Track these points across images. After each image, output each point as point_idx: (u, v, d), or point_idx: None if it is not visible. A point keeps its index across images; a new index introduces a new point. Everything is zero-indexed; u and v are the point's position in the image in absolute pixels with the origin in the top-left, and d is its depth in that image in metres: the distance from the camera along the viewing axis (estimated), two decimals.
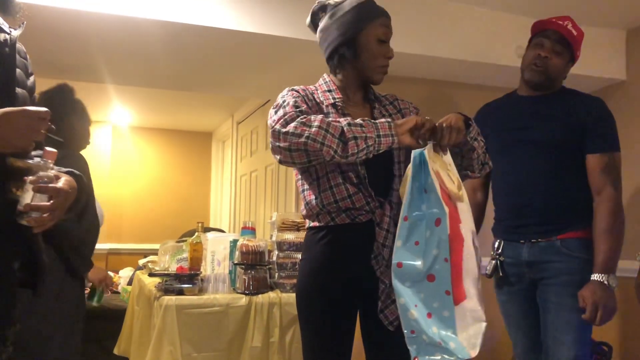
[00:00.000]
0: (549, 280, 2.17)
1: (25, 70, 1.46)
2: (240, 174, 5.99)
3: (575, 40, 2.24)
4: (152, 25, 2.85)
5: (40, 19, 2.79)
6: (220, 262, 2.99)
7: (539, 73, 2.23)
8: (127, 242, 6.51)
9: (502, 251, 2.28)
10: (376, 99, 1.88)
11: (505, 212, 2.33)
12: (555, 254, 2.17)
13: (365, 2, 1.75)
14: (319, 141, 1.53)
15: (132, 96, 5.41)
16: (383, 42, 1.74)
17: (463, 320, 1.48)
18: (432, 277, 1.49)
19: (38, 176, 1.25)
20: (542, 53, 2.22)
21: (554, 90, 2.30)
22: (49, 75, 4.00)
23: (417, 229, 1.52)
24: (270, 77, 3.87)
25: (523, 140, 2.25)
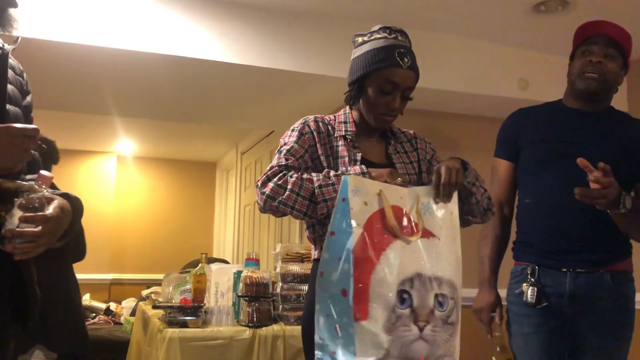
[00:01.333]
0: (594, 319, 1.95)
1: (20, 88, 1.37)
2: (244, 204, 5.99)
3: (626, 42, 2.02)
4: (157, 59, 2.90)
5: (49, 54, 2.84)
6: (224, 293, 2.97)
7: (594, 81, 1.97)
8: (130, 272, 6.49)
9: (539, 278, 1.99)
10: (393, 135, 1.88)
11: (540, 234, 2.03)
12: (603, 289, 1.94)
13: (383, 48, 1.70)
14: (289, 205, 1.62)
15: (137, 127, 5.46)
16: (386, 93, 1.71)
17: (362, 341, 1.47)
18: (345, 292, 1.50)
19: (28, 199, 1.16)
20: (594, 59, 1.97)
21: (606, 108, 2.07)
22: (56, 108, 4.06)
23: (340, 245, 1.54)
24: (273, 109, 3.92)
25: (570, 154, 1.91)
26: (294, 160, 1.72)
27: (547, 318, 1.99)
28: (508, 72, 3.43)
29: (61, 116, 4.82)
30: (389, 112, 1.74)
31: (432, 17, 3.12)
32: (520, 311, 2.04)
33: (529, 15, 3.02)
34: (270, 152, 5.12)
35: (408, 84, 1.71)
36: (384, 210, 1.59)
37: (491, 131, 2.60)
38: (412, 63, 1.70)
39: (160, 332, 2.63)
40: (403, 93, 1.72)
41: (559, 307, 1.97)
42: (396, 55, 1.68)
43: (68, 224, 1.26)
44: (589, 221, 1.95)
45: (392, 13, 3.03)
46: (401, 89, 1.70)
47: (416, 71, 1.73)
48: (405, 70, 1.68)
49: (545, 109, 2.17)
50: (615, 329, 1.95)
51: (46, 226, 1.15)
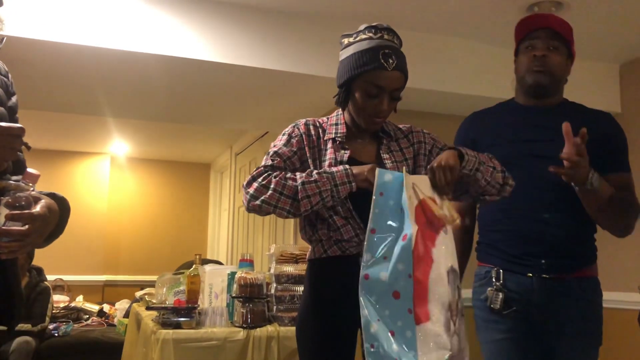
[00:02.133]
0: (562, 328, 1.88)
1: (6, 89, 1.36)
2: (239, 205, 5.99)
3: (568, 32, 1.98)
4: (151, 60, 2.89)
5: (41, 54, 2.83)
6: (218, 294, 2.97)
7: (542, 74, 1.94)
8: (123, 273, 6.48)
9: (504, 282, 1.91)
10: (386, 134, 1.85)
11: (505, 237, 1.96)
12: (570, 296, 1.88)
13: (367, 50, 1.67)
14: (272, 204, 1.63)
15: (130, 128, 5.45)
16: (372, 96, 1.68)
17: (425, 343, 1.41)
18: (397, 294, 1.45)
19: (14, 197, 1.14)
20: (538, 53, 1.94)
21: (559, 101, 2.03)
22: (49, 109, 4.04)
23: (386, 243, 1.50)
24: (268, 110, 3.91)
25: (531, 154, 1.91)
26: (279, 161, 1.73)
27: (515, 323, 1.91)
28: (502, 72, 3.41)
29: (54, 117, 4.81)
30: (377, 114, 1.72)
31: (425, 18, 3.12)
32: (488, 317, 1.96)
33: (522, 16, 3.02)
34: (265, 153, 5.11)
35: (395, 85, 1.69)
36: (424, 201, 1.55)
37: None
38: (398, 63, 1.67)
39: (154, 333, 2.62)
40: (391, 94, 1.70)
41: (527, 314, 1.90)
42: (380, 57, 1.65)
43: (55, 224, 1.24)
44: (556, 224, 1.88)
45: (385, 14, 3.03)
46: (388, 90, 1.68)
47: (403, 71, 1.70)
48: (391, 72, 1.66)
49: (499, 110, 2.12)
50: (586, 338, 1.89)
51: (33, 225, 1.13)
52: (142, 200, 6.77)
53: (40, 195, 1.22)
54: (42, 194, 1.24)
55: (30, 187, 1.21)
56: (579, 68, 2.36)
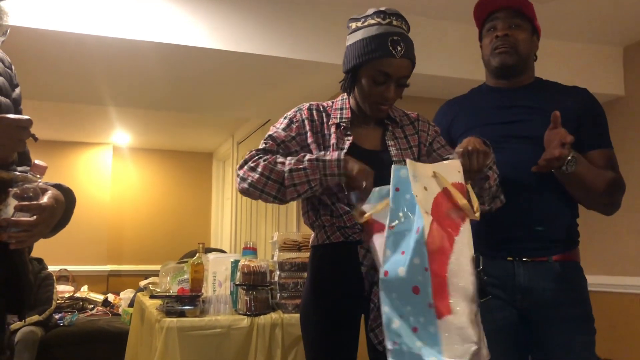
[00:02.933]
0: (551, 315, 1.80)
1: (10, 80, 1.38)
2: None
3: (528, 9, 1.93)
4: (152, 48, 2.88)
5: (42, 43, 2.82)
6: (222, 283, 2.97)
7: (507, 55, 1.89)
8: (127, 263, 6.50)
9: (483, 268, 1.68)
10: (392, 121, 1.83)
11: (484, 221, 1.75)
12: (555, 280, 1.81)
13: (375, 36, 1.65)
14: (258, 188, 1.62)
15: (132, 118, 5.44)
16: (379, 84, 1.67)
17: (449, 337, 1.37)
18: (417, 289, 1.41)
19: (22, 188, 1.16)
20: (500, 33, 1.89)
21: (531, 80, 1.97)
22: (51, 99, 4.03)
23: (403, 238, 1.47)
24: (269, 98, 3.90)
25: (508, 135, 1.87)
26: (272, 144, 1.72)
27: (499, 311, 1.82)
28: None
29: (56, 108, 4.81)
30: (383, 101, 1.71)
31: (432, 4, 3.10)
32: None
33: None
34: None
35: (402, 73, 1.67)
36: (446, 190, 1.51)
37: None
38: (406, 50, 1.65)
39: (158, 321, 2.62)
40: (398, 82, 1.68)
41: (511, 301, 1.82)
42: (389, 44, 1.63)
43: (61, 214, 1.26)
44: (538, 206, 1.84)
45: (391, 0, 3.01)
46: (395, 78, 1.67)
47: (411, 58, 1.68)
48: (398, 59, 1.63)
49: (472, 95, 2.09)
50: (578, 322, 1.81)
51: (41, 215, 1.15)
52: (144, 190, 6.78)
53: (47, 186, 1.23)
54: (49, 185, 1.25)
55: (37, 178, 1.23)
56: (582, 51, 2.35)
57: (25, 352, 4.07)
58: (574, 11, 2.90)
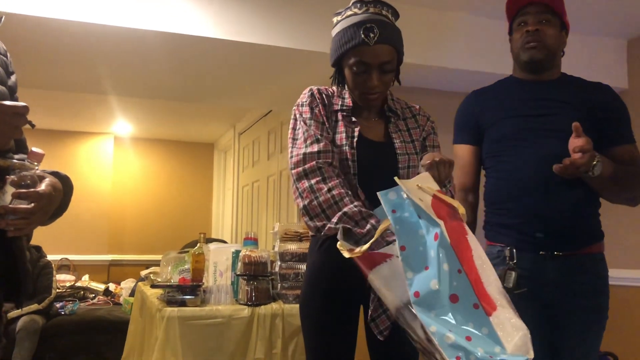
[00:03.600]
0: (573, 303, 1.89)
1: (6, 68, 1.36)
2: (242, 185, 5.99)
3: (558, 4, 1.96)
4: (153, 37, 2.87)
5: (43, 32, 2.81)
6: (223, 273, 2.98)
7: (536, 50, 1.93)
8: (129, 253, 6.51)
9: (517, 261, 1.89)
10: (393, 112, 1.81)
11: (515, 216, 1.92)
12: (582, 273, 1.89)
13: (350, 27, 1.64)
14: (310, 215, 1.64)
15: (134, 107, 5.43)
16: (359, 72, 1.65)
17: (504, 330, 1.33)
18: (455, 297, 1.35)
19: (20, 176, 1.16)
20: (530, 28, 1.93)
21: (558, 75, 2.02)
22: (52, 88, 4.02)
23: (420, 254, 1.41)
24: (271, 88, 3.89)
25: (538, 128, 1.90)
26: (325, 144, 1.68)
27: (526, 302, 1.84)
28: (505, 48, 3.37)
29: (57, 97, 4.80)
30: (369, 90, 1.69)
31: None
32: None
33: None
34: (268, 131, 5.10)
35: (382, 59, 1.63)
36: (436, 196, 1.51)
37: None
38: (380, 36, 1.61)
39: (159, 311, 2.63)
40: (380, 68, 1.65)
41: (538, 293, 1.88)
42: (361, 33, 1.61)
43: (59, 202, 1.26)
44: (568, 200, 1.86)
45: None
46: (375, 65, 1.64)
47: (390, 42, 1.64)
48: (373, 46, 1.61)
49: (499, 86, 2.11)
50: (594, 312, 1.90)
51: (39, 203, 1.15)
52: (146, 180, 6.78)
53: (45, 173, 1.23)
54: (46, 172, 1.25)
55: (35, 166, 1.22)
56: (586, 44, 2.34)
57: (27, 341, 4.08)
58: (579, 3, 2.88)
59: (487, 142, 2.05)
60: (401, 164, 1.75)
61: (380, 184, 1.57)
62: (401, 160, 1.75)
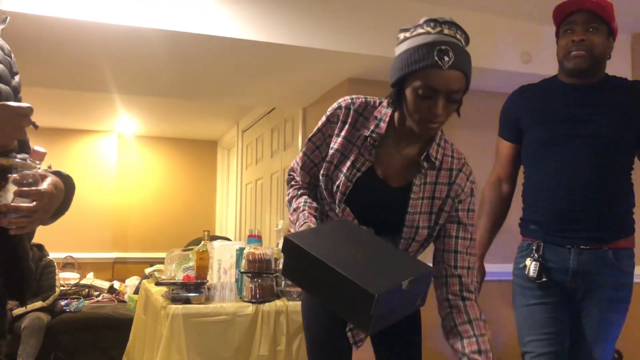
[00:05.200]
0: (595, 294, 2.03)
1: (10, 68, 1.37)
2: (246, 182, 5.99)
3: (606, 11, 1.97)
4: (157, 35, 2.87)
5: (47, 30, 2.81)
6: (227, 270, 2.98)
7: (582, 58, 1.98)
8: (133, 251, 6.52)
9: (543, 254, 2.06)
10: (430, 163, 1.61)
11: (547, 214, 2.07)
12: (605, 265, 2.01)
13: (421, 46, 1.47)
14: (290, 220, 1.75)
15: (137, 105, 5.43)
16: (425, 97, 1.47)
17: None
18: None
19: (22, 175, 1.16)
20: (576, 38, 1.97)
21: (601, 78, 2.06)
22: (55, 86, 4.03)
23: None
24: (274, 85, 3.88)
25: (573, 135, 2.00)
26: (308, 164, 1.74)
27: (550, 291, 2.06)
28: (511, 45, 3.38)
29: (61, 95, 4.80)
30: (432, 118, 1.49)
31: None
32: (525, 284, 2.12)
33: None
34: (271, 129, 5.10)
35: (452, 87, 1.46)
36: None
37: (494, 105, 2.58)
38: (455, 61, 1.45)
39: (164, 308, 2.64)
40: (448, 97, 1.47)
41: (562, 282, 2.05)
42: (435, 55, 1.44)
43: (61, 201, 1.27)
44: (594, 200, 1.99)
45: None
46: (443, 92, 1.45)
47: (463, 70, 1.47)
48: (446, 71, 1.43)
49: (543, 87, 2.16)
50: (614, 303, 2.02)
51: (40, 201, 1.16)
52: (150, 178, 6.78)
53: (47, 172, 1.24)
54: (48, 171, 1.26)
55: (37, 164, 1.23)
56: None
57: (32, 338, 4.10)
58: None
59: (526, 142, 2.16)
60: (408, 222, 1.62)
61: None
62: (408, 220, 1.62)
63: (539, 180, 2.11)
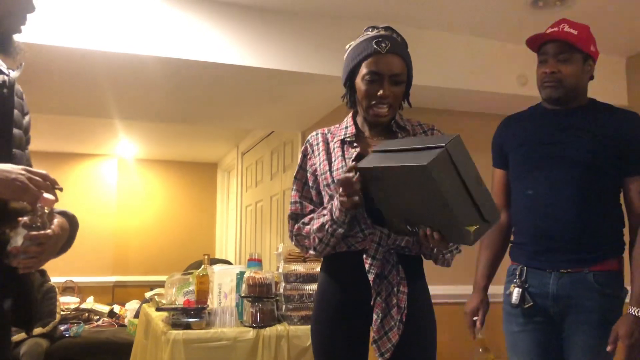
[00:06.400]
0: (578, 318, 1.97)
1: (22, 110, 1.46)
2: (246, 205, 6.00)
3: (579, 39, 2.00)
4: (157, 62, 2.90)
5: (49, 59, 2.85)
6: (227, 294, 2.98)
7: (553, 89, 2.02)
8: (133, 274, 6.50)
9: (526, 279, 2.04)
10: (401, 129, 1.81)
11: (528, 236, 2.08)
12: (587, 289, 1.95)
13: (362, 42, 1.72)
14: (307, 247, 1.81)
15: (137, 130, 5.47)
16: (371, 82, 1.69)
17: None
18: None
19: (31, 218, 1.25)
20: (548, 70, 2.02)
21: (583, 103, 2.08)
22: (59, 113, 4.07)
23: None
24: (273, 109, 3.92)
25: (553, 156, 2.03)
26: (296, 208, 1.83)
27: (532, 317, 2.04)
28: (507, 68, 3.42)
29: (61, 119, 4.83)
30: (380, 100, 1.70)
31: (429, 15, 3.12)
32: (510, 310, 2.11)
33: (527, 10, 3.02)
34: (271, 151, 5.12)
35: (393, 69, 1.68)
36: None
37: (491, 127, 2.60)
38: (392, 47, 1.68)
39: (164, 334, 2.63)
40: (391, 79, 1.69)
41: (545, 307, 2.01)
42: (373, 44, 1.68)
43: (65, 239, 1.37)
44: (573, 222, 1.98)
45: (388, 12, 3.03)
46: (386, 75, 1.68)
47: (401, 54, 1.70)
48: (384, 55, 1.67)
49: (527, 114, 2.21)
50: (602, 329, 1.92)
51: (48, 244, 1.26)
52: (150, 201, 6.79)
53: (54, 214, 1.33)
54: (54, 212, 1.34)
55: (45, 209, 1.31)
56: None
57: None
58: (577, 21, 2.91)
59: (511, 166, 2.18)
60: None
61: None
62: None
63: (522, 203, 2.11)
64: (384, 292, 1.67)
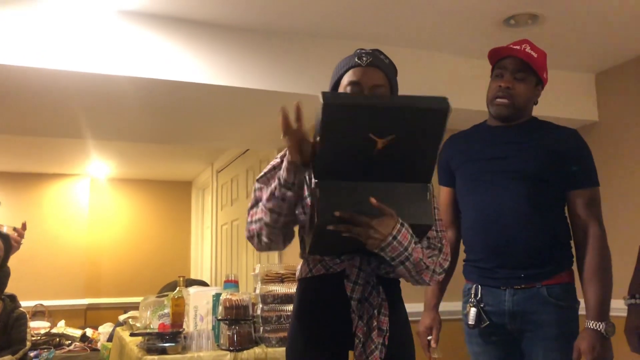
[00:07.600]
0: (536, 333, 1.97)
1: None
2: (221, 223, 5.94)
3: (537, 62, 2.05)
4: (129, 82, 2.87)
5: (19, 79, 2.79)
6: (203, 317, 2.93)
7: (504, 106, 2.04)
8: (106, 296, 6.39)
9: (482, 298, 2.04)
10: None
11: (479, 252, 2.08)
12: (542, 303, 1.96)
13: (346, 57, 1.75)
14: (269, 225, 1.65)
15: (110, 149, 5.40)
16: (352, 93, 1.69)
17: None
18: None
19: None
20: (503, 84, 2.03)
21: (527, 119, 2.11)
22: (30, 134, 4.00)
23: None
24: (248, 128, 3.90)
25: (498, 171, 2.04)
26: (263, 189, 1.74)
27: (491, 336, 2.05)
28: (478, 85, 3.45)
29: (31, 140, 4.76)
30: None
31: (403, 34, 3.14)
32: (469, 331, 2.11)
33: (499, 29, 3.06)
34: (246, 169, 5.09)
35: (373, 81, 1.68)
36: None
37: None
38: (373, 60, 1.69)
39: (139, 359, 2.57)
40: (372, 91, 1.68)
41: (502, 325, 2.02)
42: (355, 57, 1.71)
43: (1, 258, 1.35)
44: (522, 237, 1.99)
45: (365, 31, 3.05)
46: (366, 87, 1.67)
47: (381, 67, 1.70)
48: (365, 67, 1.68)
49: (471, 131, 2.24)
50: (560, 342, 1.95)
51: None
52: (123, 221, 6.69)
53: None
54: None
55: None
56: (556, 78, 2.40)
57: None
58: (546, 39, 2.96)
59: (457, 184, 2.19)
60: None
61: None
62: None
63: (471, 219, 2.12)
64: (366, 315, 1.65)
